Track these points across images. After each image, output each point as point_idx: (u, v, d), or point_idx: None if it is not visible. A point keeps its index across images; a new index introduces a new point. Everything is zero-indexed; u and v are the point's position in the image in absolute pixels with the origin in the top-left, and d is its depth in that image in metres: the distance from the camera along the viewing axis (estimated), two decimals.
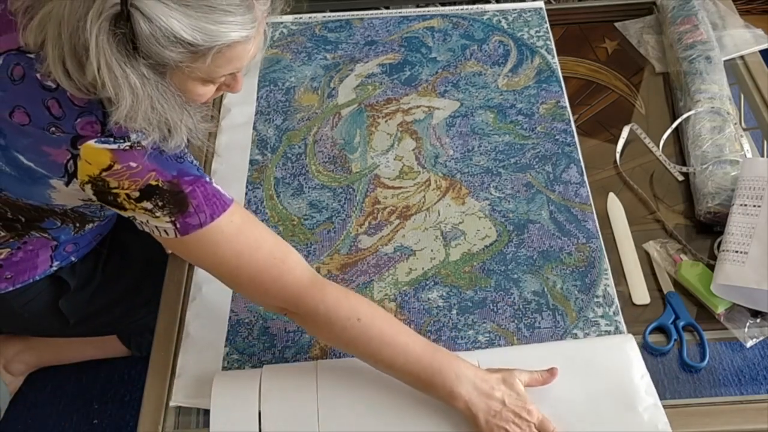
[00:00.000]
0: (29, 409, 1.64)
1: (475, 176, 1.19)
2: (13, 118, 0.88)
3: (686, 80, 1.27)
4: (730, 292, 1.00)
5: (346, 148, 1.25)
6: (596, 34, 1.47)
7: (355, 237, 1.13)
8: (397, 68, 1.37)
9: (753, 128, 1.28)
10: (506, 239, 1.11)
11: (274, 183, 1.21)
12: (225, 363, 1.00)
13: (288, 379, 0.95)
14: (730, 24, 1.41)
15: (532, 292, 1.05)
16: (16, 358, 1.62)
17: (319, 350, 1.01)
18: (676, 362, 0.98)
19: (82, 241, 1.18)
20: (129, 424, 1.61)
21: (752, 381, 0.96)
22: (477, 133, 1.25)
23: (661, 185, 1.19)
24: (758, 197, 1.02)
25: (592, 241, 1.09)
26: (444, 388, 0.89)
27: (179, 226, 0.89)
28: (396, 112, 1.30)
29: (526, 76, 1.34)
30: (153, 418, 0.96)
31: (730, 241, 1.02)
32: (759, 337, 1.00)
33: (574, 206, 1.14)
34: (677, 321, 1.01)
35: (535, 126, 1.25)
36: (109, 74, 0.79)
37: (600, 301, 1.03)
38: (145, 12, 0.77)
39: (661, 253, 1.08)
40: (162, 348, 1.03)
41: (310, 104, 1.33)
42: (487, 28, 1.43)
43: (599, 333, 0.99)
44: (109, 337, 1.60)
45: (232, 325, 1.04)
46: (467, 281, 1.06)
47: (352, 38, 1.44)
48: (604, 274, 1.05)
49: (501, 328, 1.01)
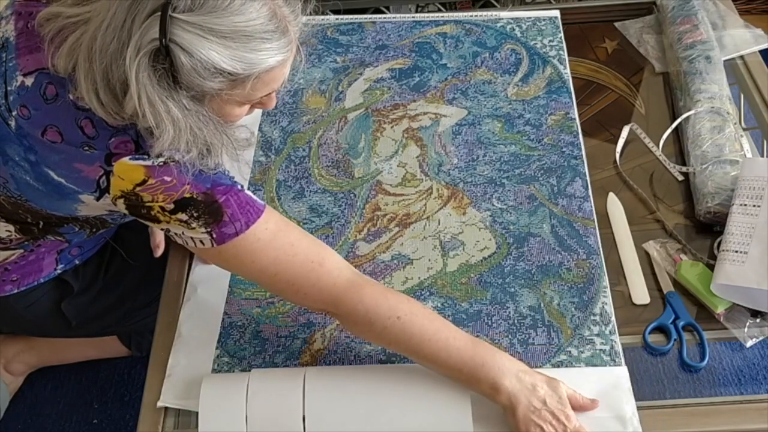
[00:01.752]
0: (29, 409, 1.66)
1: (477, 186, 1.18)
2: (45, 137, 0.89)
3: (686, 80, 1.27)
4: (729, 292, 1.00)
5: (350, 152, 1.25)
6: (596, 33, 1.46)
7: (354, 243, 1.12)
8: (406, 74, 1.36)
9: (753, 128, 1.28)
10: (505, 251, 1.09)
11: (276, 185, 1.20)
12: (215, 366, 1.00)
13: (275, 384, 0.94)
14: (730, 24, 1.41)
15: (528, 307, 1.03)
16: (16, 358, 1.63)
17: (309, 357, 1.00)
18: (676, 362, 0.98)
19: (87, 244, 1.19)
20: (129, 424, 1.62)
21: (752, 381, 0.97)
22: (483, 143, 1.24)
23: (661, 185, 1.19)
24: (758, 197, 1.02)
25: (592, 258, 1.07)
26: (487, 382, 0.90)
27: (215, 236, 0.89)
28: (402, 118, 1.29)
29: (536, 86, 1.32)
30: (153, 418, 0.96)
31: (729, 240, 1.02)
32: (759, 337, 1.00)
33: (576, 221, 1.12)
34: (677, 321, 1.01)
35: (542, 137, 1.24)
36: (151, 109, 0.79)
37: (597, 320, 1.01)
38: (184, 46, 0.77)
39: (661, 253, 1.08)
40: (162, 348, 1.03)
41: (317, 107, 1.32)
42: (500, 35, 1.41)
43: (594, 352, 0.97)
44: (110, 338, 1.60)
45: (225, 328, 1.03)
46: (463, 293, 1.05)
47: (364, 42, 1.43)
48: (602, 292, 1.03)
49: (494, 342, 0.99)
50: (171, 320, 1.06)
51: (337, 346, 1.01)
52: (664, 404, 0.93)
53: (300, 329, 1.03)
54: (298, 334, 1.02)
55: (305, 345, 1.01)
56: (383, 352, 1.00)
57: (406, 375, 0.95)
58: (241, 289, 1.07)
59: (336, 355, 1.00)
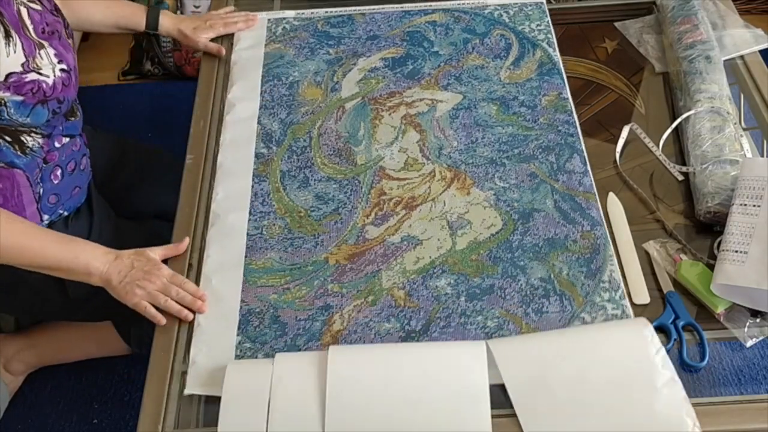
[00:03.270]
0: (29, 409, 1.65)
1: (479, 167, 1.21)
2: None
3: (686, 80, 1.27)
4: (729, 292, 1.00)
5: (351, 141, 1.27)
6: (596, 33, 1.47)
7: (362, 228, 1.14)
8: (399, 62, 1.39)
9: (753, 128, 1.28)
10: (512, 228, 1.12)
11: (280, 176, 1.22)
12: (237, 351, 1.01)
13: (299, 365, 0.95)
14: (730, 24, 1.41)
15: (539, 279, 1.06)
16: (16, 357, 1.62)
17: (330, 337, 1.02)
18: (676, 362, 0.97)
19: (61, 191, 1.26)
20: (129, 424, 1.62)
21: (752, 381, 0.97)
22: (480, 125, 1.27)
23: (660, 185, 1.20)
24: (758, 197, 1.02)
25: (596, 229, 1.11)
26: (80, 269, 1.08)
27: None
28: (399, 105, 1.32)
29: (528, 69, 1.35)
30: (153, 418, 0.96)
31: (729, 240, 1.01)
32: (759, 336, 0.99)
33: (578, 195, 1.15)
34: (677, 321, 1.01)
35: (538, 117, 1.27)
36: None
37: (606, 286, 1.04)
38: None
39: (661, 252, 1.09)
40: (162, 348, 1.03)
41: (314, 98, 1.34)
42: (488, 22, 1.44)
43: (606, 317, 1.01)
44: (109, 335, 1.60)
45: (243, 315, 1.05)
46: (474, 269, 1.08)
47: (355, 33, 1.45)
48: (609, 260, 1.07)
49: (509, 313, 1.03)
50: (171, 320, 1.06)
51: (356, 326, 1.03)
52: None
53: (318, 312, 1.05)
54: (317, 316, 1.04)
55: (325, 327, 1.03)
56: (402, 330, 1.02)
57: (425, 350, 0.97)
58: (256, 278, 1.09)
59: (356, 334, 1.02)
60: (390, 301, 1.05)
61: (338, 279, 1.08)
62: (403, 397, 0.92)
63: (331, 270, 1.09)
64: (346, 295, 1.06)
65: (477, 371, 0.93)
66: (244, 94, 1.35)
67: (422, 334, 1.01)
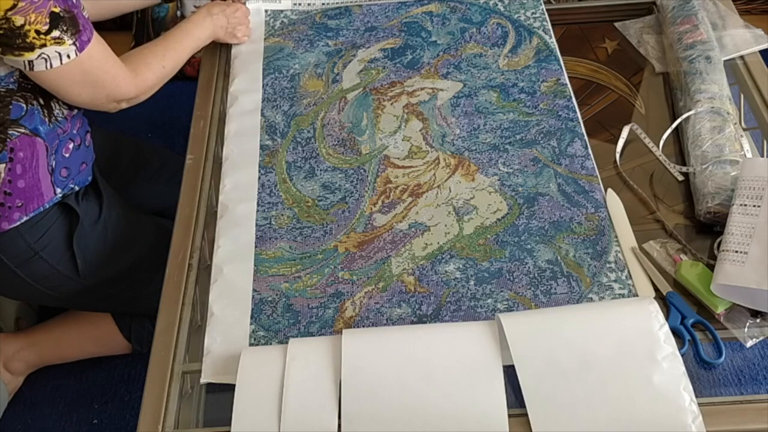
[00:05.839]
0: (29, 409, 1.65)
1: (482, 153, 1.22)
2: None
3: (686, 80, 1.27)
4: (730, 292, 0.99)
5: (355, 131, 1.28)
6: (596, 34, 1.48)
7: (370, 215, 1.16)
8: (398, 52, 1.40)
9: (753, 128, 1.27)
10: (517, 212, 1.14)
11: (286, 167, 1.23)
12: (251, 340, 1.02)
13: (313, 347, 0.96)
14: (730, 24, 1.41)
15: (546, 261, 1.08)
16: (16, 356, 1.63)
17: (343, 324, 1.03)
18: (693, 362, 0.96)
19: (71, 165, 1.29)
20: (129, 424, 1.62)
21: (752, 381, 0.97)
22: (482, 112, 1.28)
23: (661, 185, 1.20)
24: (758, 197, 1.02)
25: (600, 211, 1.13)
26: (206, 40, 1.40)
27: (78, 45, 1.11)
28: (401, 94, 1.33)
29: (525, 56, 1.37)
30: (153, 418, 0.96)
31: (730, 241, 1.01)
32: (759, 337, 0.98)
33: (581, 178, 1.17)
34: (685, 320, 1.00)
35: (538, 103, 1.29)
36: None
37: (612, 267, 1.06)
38: None
39: (661, 253, 1.08)
40: (162, 348, 1.03)
41: (316, 90, 1.35)
42: (484, 11, 1.46)
43: (613, 296, 1.03)
44: (109, 333, 1.61)
45: (256, 304, 1.06)
46: (482, 253, 1.10)
47: (353, 25, 1.46)
48: (614, 241, 1.09)
49: (519, 295, 1.04)
50: (171, 320, 1.06)
51: (368, 312, 1.04)
52: None
53: (330, 299, 1.06)
54: (329, 304, 1.06)
55: (337, 314, 1.04)
56: (414, 315, 1.04)
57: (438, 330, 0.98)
58: (267, 267, 1.10)
59: (368, 320, 1.04)
60: (400, 287, 1.07)
61: (348, 266, 1.09)
62: (418, 374, 0.93)
63: (341, 258, 1.11)
64: (356, 282, 1.08)
65: (489, 347, 0.94)
66: (247, 86, 1.36)
67: (434, 319, 1.03)
